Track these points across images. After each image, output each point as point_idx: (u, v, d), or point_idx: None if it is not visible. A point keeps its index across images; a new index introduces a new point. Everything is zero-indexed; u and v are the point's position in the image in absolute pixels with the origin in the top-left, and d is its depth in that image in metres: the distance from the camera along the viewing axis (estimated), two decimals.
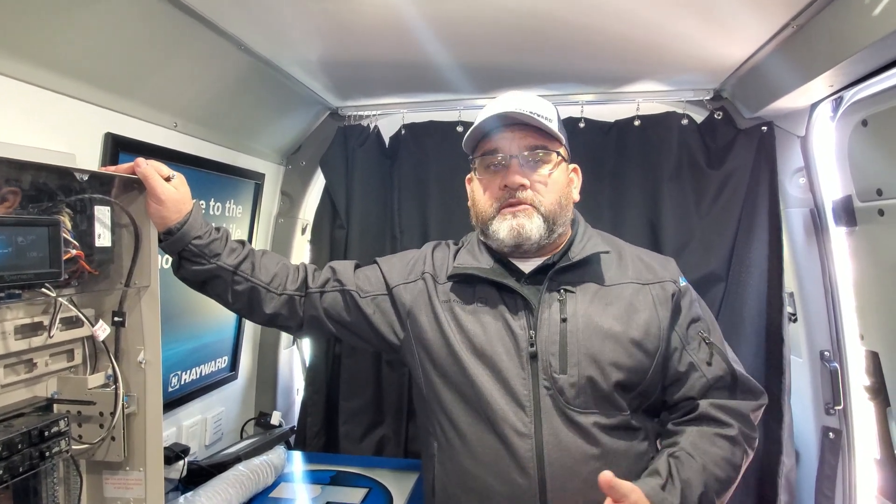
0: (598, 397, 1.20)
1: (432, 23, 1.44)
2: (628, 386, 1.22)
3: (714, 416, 1.23)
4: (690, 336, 1.28)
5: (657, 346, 1.24)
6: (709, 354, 1.26)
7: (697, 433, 1.22)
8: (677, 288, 1.29)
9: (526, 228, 1.23)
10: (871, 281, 1.60)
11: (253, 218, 2.12)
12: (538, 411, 1.19)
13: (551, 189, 1.26)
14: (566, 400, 1.19)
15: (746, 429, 1.24)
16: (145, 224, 1.20)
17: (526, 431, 1.19)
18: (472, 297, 1.30)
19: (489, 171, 1.29)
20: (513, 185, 1.23)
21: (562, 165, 1.29)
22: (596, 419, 1.19)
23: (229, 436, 2.14)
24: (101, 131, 1.36)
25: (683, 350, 1.26)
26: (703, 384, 1.25)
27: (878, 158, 1.47)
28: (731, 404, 1.25)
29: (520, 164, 1.25)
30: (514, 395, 1.21)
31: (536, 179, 1.25)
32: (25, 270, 0.93)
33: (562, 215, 1.27)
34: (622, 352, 1.21)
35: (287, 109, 2.08)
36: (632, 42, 1.55)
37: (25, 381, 1.07)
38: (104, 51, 1.29)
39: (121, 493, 1.20)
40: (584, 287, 1.26)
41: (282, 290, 1.36)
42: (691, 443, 1.21)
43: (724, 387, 1.26)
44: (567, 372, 1.20)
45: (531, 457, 1.18)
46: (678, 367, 1.26)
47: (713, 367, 1.25)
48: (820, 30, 1.32)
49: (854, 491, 1.76)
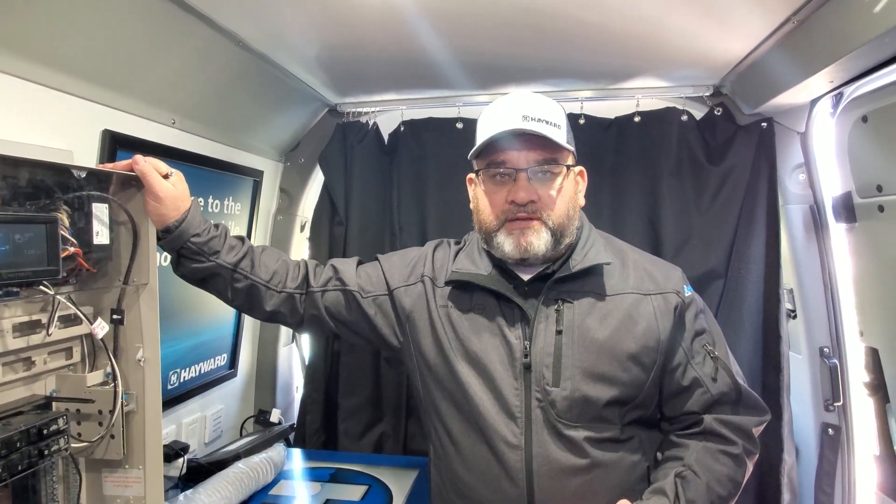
0: (591, 412, 1.18)
1: (432, 18, 1.43)
2: (623, 401, 1.20)
3: (719, 433, 1.21)
4: (695, 350, 1.24)
5: (654, 360, 1.21)
6: (714, 370, 1.23)
7: (703, 449, 1.21)
8: (680, 299, 1.24)
9: (534, 246, 1.18)
10: (871, 277, 1.59)
11: (251, 215, 2.11)
12: (529, 423, 1.18)
13: (560, 202, 1.20)
14: (557, 413, 1.17)
15: (749, 445, 1.23)
16: (144, 221, 1.19)
17: (516, 443, 1.18)
18: (470, 303, 1.27)
19: (495, 181, 1.22)
20: (521, 201, 1.18)
21: (570, 175, 1.24)
22: (587, 433, 1.17)
23: (229, 433, 2.14)
24: (99, 128, 1.35)
25: (688, 364, 1.23)
26: (708, 399, 1.22)
27: (878, 155, 1.47)
28: (735, 420, 1.22)
29: (528, 178, 1.19)
30: (506, 406, 1.19)
31: (545, 194, 1.19)
32: (23, 268, 0.93)
33: (569, 226, 1.23)
34: (617, 366, 1.19)
35: (285, 106, 2.08)
36: (631, 38, 1.54)
37: (24, 379, 1.06)
38: (102, 47, 1.28)
39: (120, 492, 1.20)
40: (583, 298, 1.23)
41: (282, 288, 1.35)
42: (696, 460, 1.19)
43: (728, 402, 1.23)
44: (560, 385, 1.18)
45: (521, 468, 1.17)
46: (681, 381, 1.23)
47: (718, 383, 1.22)
48: (820, 25, 1.32)
49: (853, 487, 1.77)
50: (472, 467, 1.23)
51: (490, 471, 1.20)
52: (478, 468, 1.21)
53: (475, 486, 1.22)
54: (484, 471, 1.20)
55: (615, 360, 1.19)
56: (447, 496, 1.29)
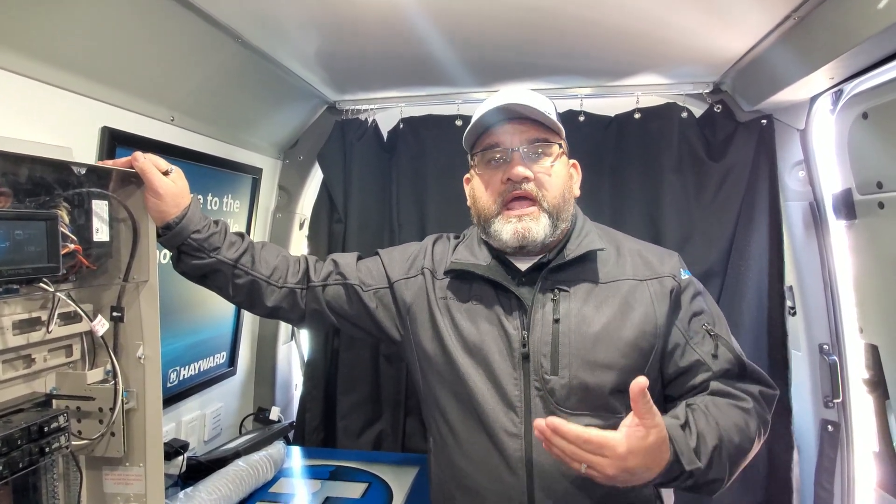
0: (591, 400, 1.18)
1: (431, 15, 1.43)
2: (622, 388, 1.16)
3: (727, 391, 1.18)
4: (693, 330, 1.23)
5: (653, 345, 1.20)
6: (714, 346, 1.21)
7: (711, 400, 1.16)
8: (676, 283, 1.24)
9: (532, 232, 1.20)
10: (871, 274, 1.60)
11: (251, 213, 2.11)
12: (529, 412, 1.18)
13: (554, 181, 1.23)
14: (556, 402, 1.17)
15: (759, 408, 1.19)
16: (143, 218, 1.19)
17: (516, 432, 1.18)
18: (469, 294, 1.28)
19: (490, 166, 1.26)
20: (516, 177, 1.20)
21: (563, 158, 1.27)
22: (588, 421, 1.15)
23: (228, 431, 2.14)
24: (98, 125, 1.35)
25: (687, 345, 1.22)
26: (710, 377, 1.20)
27: (878, 151, 1.47)
28: (743, 385, 1.20)
29: (522, 157, 1.22)
30: (506, 396, 1.20)
31: (539, 171, 1.22)
32: (23, 265, 0.93)
33: (565, 209, 1.25)
34: (615, 353, 1.18)
35: (284, 103, 2.07)
36: (631, 34, 1.54)
37: (24, 376, 1.06)
38: (101, 44, 1.28)
39: (121, 489, 1.20)
40: (579, 286, 1.23)
41: (282, 284, 1.36)
42: (706, 405, 1.14)
43: (732, 376, 1.21)
44: (558, 373, 1.18)
45: (520, 457, 1.17)
46: (681, 363, 1.22)
47: (719, 360, 1.20)
48: (821, 22, 1.32)
49: (853, 484, 1.77)
50: (471, 457, 1.23)
51: (490, 460, 1.20)
52: (478, 458, 1.22)
53: (475, 476, 1.22)
54: (484, 460, 1.21)
55: (613, 346, 1.19)
56: (447, 488, 1.29)
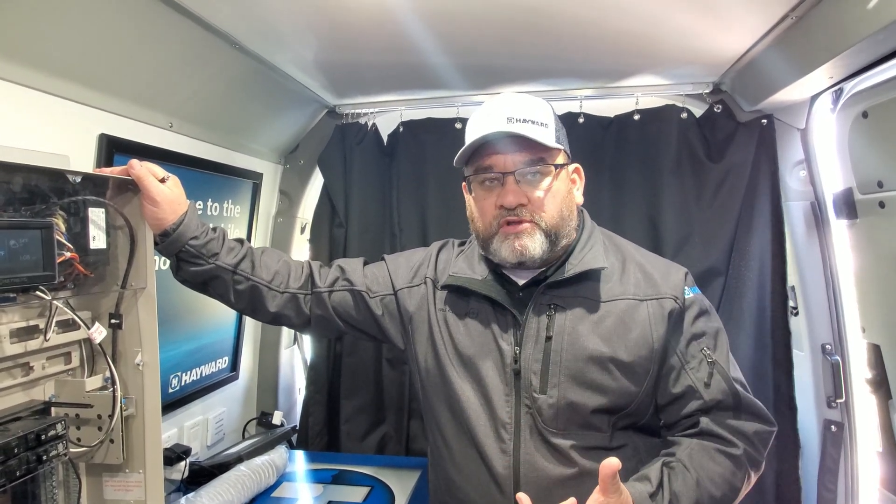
0: (578, 420, 1.15)
1: (429, 19, 1.43)
2: (612, 409, 1.16)
3: (716, 433, 1.15)
4: (691, 354, 1.19)
5: (648, 369, 1.16)
6: (708, 374, 1.16)
7: (697, 446, 1.15)
8: (678, 304, 1.18)
9: (529, 249, 1.15)
10: (873, 273, 1.59)
11: (251, 218, 2.11)
12: (518, 430, 1.17)
13: (551, 202, 1.17)
14: (544, 421, 1.15)
15: (752, 450, 1.15)
16: (140, 226, 1.19)
17: (506, 449, 1.17)
18: (466, 308, 1.26)
19: (484, 187, 1.20)
20: (509, 205, 1.15)
21: (562, 174, 1.20)
22: (574, 441, 1.14)
23: (231, 436, 2.14)
24: (96, 132, 1.35)
25: (682, 370, 1.18)
26: (701, 406, 1.16)
27: (878, 150, 1.46)
28: (734, 423, 1.16)
29: (516, 181, 1.16)
30: (496, 412, 1.18)
31: (535, 195, 1.16)
32: (18, 274, 0.93)
33: (564, 226, 1.19)
34: (606, 375, 1.15)
35: (284, 108, 2.07)
36: (630, 36, 1.54)
37: (22, 384, 1.06)
38: (98, 51, 1.28)
39: (121, 495, 1.20)
40: (576, 303, 1.19)
41: (284, 289, 1.34)
42: (688, 455, 1.13)
43: (725, 409, 1.17)
44: (546, 392, 1.15)
45: (508, 475, 1.16)
46: (674, 389, 1.18)
47: (711, 389, 1.16)
48: (819, 21, 1.31)
49: (856, 484, 1.76)
50: (462, 471, 1.22)
51: (479, 476, 1.19)
52: (468, 472, 1.21)
53: (466, 490, 1.22)
54: (474, 475, 1.20)
55: (604, 368, 1.15)
56: (442, 497, 1.29)
